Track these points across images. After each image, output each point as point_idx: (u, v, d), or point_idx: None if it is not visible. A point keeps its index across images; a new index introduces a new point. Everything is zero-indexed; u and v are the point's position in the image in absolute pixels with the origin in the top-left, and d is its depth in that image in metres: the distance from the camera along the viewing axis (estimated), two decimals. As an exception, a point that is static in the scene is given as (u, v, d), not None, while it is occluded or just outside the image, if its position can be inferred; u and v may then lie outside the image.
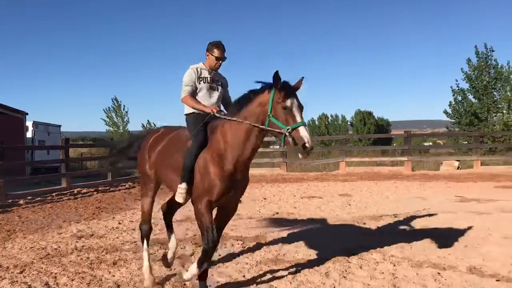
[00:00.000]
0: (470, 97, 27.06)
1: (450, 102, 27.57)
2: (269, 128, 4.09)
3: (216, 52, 4.73)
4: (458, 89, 27.27)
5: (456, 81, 27.62)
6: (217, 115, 4.42)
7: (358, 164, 19.09)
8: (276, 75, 4.01)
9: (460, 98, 27.24)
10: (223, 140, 4.27)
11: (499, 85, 26.18)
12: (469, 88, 26.91)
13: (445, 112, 27.87)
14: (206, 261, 4.27)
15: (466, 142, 25.22)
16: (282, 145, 4.27)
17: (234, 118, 4.23)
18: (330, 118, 52.40)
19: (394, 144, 39.03)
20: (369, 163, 19.32)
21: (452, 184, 13.54)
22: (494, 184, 13.23)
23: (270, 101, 4.07)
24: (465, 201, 10.11)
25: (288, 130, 3.93)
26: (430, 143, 47.39)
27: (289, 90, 4.03)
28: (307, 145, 3.85)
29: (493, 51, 26.59)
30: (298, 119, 3.97)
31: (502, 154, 20.13)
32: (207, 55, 4.78)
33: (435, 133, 48.09)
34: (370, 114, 49.83)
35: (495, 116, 26.37)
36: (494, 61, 26.63)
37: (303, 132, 3.91)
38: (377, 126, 48.88)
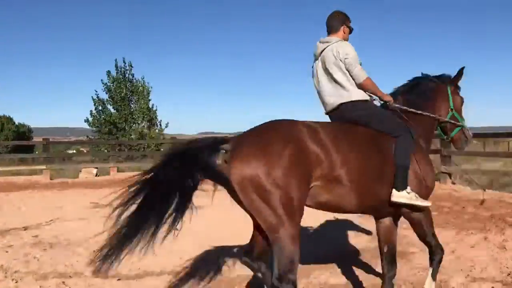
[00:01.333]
0: (110, 107, 28.49)
1: (91, 111, 28.28)
2: (452, 121, 4.18)
3: (350, 23, 4.13)
4: (98, 99, 28.27)
5: (96, 91, 28.54)
6: (396, 105, 3.99)
7: (-9, 174, 17.13)
8: (461, 72, 4.21)
9: (100, 108, 28.29)
10: (423, 135, 4.01)
11: (135, 97, 28.63)
12: (109, 99, 28.30)
13: (87, 120, 28.38)
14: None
15: (106, 150, 26.40)
16: (447, 138, 4.33)
17: (424, 112, 4.05)
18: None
19: (36, 152, 36.89)
20: (4, 173, 17.63)
21: (88, 191, 13.86)
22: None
23: (450, 95, 4.17)
24: (99, 207, 10.51)
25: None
26: (74, 151, 47.18)
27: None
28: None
29: (132, 66, 28.87)
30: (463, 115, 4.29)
31: (138, 161, 22.04)
32: (343, 28, 4.04)
33: (79, 140, 48.27)
34: (9, 119, 45.41)
35: (132, 126, 28.67)
36: (132, 75, 28.97)
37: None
38: (18, 132, 45.04)
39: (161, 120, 29.56)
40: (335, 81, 3.82)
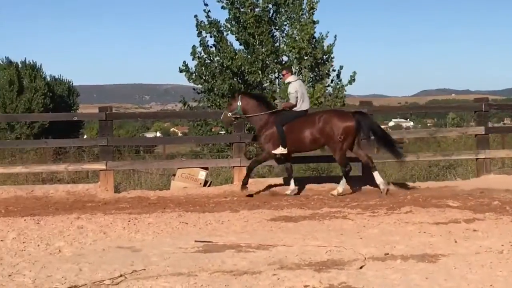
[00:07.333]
0: (231, 39, 18.50)
1: (194, 49, 20.34)
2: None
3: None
4: (201, 25, 16.52)
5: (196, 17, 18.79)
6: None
7: None
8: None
9: (211, 43, 19.01)
10: None
11: (283, 16, 16.50)
12: (226, 24, 16.21)
13: (185, 69, 20.68)
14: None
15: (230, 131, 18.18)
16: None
17: None
18: None
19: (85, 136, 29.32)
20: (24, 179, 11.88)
21: (187, 214, 6.98)
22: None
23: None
24: (211, 250, 4.92)
25: None
26: (157, 133, 44.89)
27: None
28: None
29: None
30: None
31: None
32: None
33: (145, 113, 44.00)
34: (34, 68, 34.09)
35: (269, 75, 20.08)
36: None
37: None
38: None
39: (340, 69, 15.70)
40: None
